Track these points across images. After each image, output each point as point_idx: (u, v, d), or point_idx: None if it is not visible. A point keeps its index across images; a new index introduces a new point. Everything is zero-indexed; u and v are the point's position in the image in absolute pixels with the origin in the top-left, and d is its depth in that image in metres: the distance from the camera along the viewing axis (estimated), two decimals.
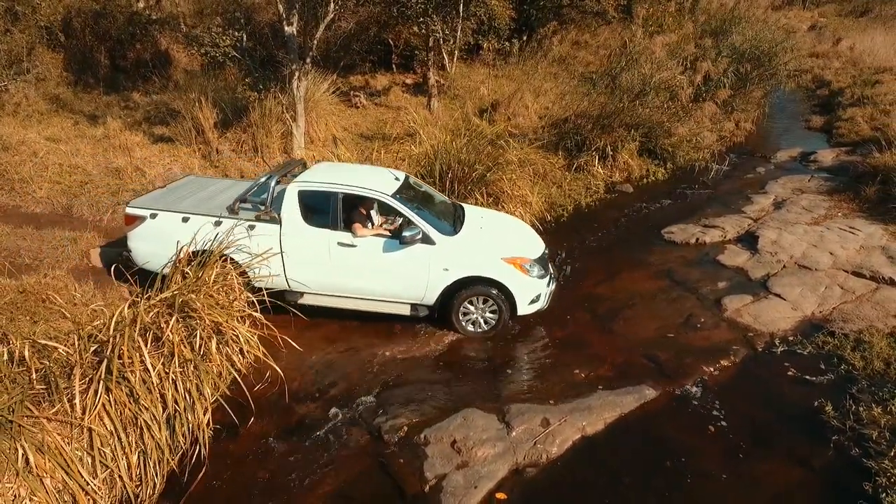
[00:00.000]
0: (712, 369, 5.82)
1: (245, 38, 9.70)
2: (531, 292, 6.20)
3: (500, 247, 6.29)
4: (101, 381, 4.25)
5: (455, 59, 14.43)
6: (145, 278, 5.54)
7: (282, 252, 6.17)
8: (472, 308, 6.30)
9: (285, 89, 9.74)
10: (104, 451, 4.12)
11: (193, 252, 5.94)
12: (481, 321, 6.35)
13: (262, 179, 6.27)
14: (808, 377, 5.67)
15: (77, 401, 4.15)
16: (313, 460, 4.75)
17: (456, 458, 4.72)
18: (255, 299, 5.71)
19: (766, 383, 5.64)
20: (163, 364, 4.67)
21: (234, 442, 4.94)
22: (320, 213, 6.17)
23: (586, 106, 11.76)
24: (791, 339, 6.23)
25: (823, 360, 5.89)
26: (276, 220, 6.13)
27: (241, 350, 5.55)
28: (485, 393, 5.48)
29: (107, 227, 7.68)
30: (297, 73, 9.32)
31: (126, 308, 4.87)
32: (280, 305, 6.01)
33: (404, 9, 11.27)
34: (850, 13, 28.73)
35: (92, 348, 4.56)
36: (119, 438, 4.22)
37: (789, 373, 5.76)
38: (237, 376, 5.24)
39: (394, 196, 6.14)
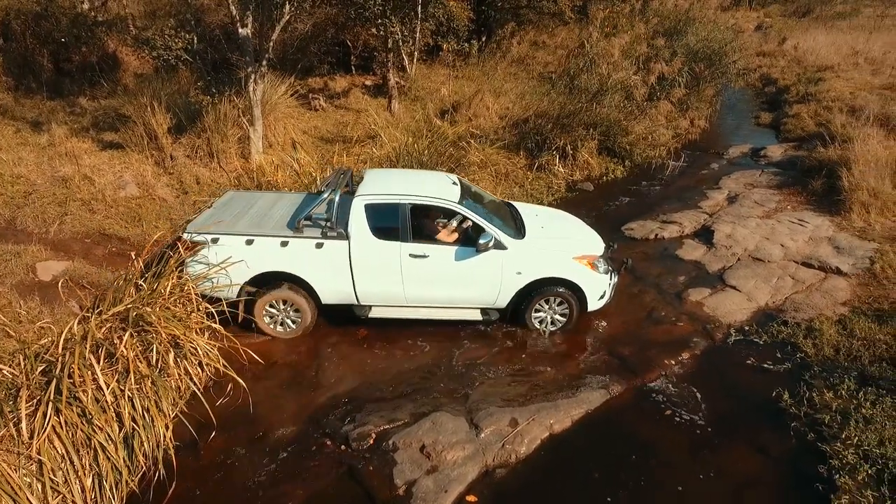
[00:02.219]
0: (674, 362, 5.95)
1: (196, 41, 9.43)
2: (600, 288, 6.29)
3: (569, 246, 6.35)
4: (50, 403, 4.05)
5: (415, 60, 14.38)
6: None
7: (351, 267, 6.01)
8: (543, 308, 6.34)
9: (241, 93, 9.52)
10: (55, 477, 3.92)
11: (261, 275, 5.93)
12: (554, 320, 6.40)
13: (325, 195, 6.04)
14: (765, 366, 5.86)
15: (24, 425, 3.93)
16: (281, 473, 4.64)
17: (426, 462, 4.68)
18: (213, 310, 5.55)
19: (726, 373, 5.81)
20: (117, 381, 4.49)
21: (196, 458, 4.78)
22: (388, 225, 6.03)
23: (546, 106, 11.89)
24: (748, 329, 6.43)
25: (778, 348, 6.10)
26: (344, 236, 5.96)
27: (200, 363, 5.40)
28: (453, 396, 5.46)
29: (54, 240, 7.34)
30: (252, 76, 9.10)
31: (76, 324, 4.66)
32: (244, 316, 5.89)
33: (362, 10, 11.15)
34: (793, 14, 30.01)
35: (39, 368, 4.35)
36: (71, 462, 4.02)
37: (747, 362, 5.94)
38: (198, 390, 5.08)
39: (460, 203, 6.12)
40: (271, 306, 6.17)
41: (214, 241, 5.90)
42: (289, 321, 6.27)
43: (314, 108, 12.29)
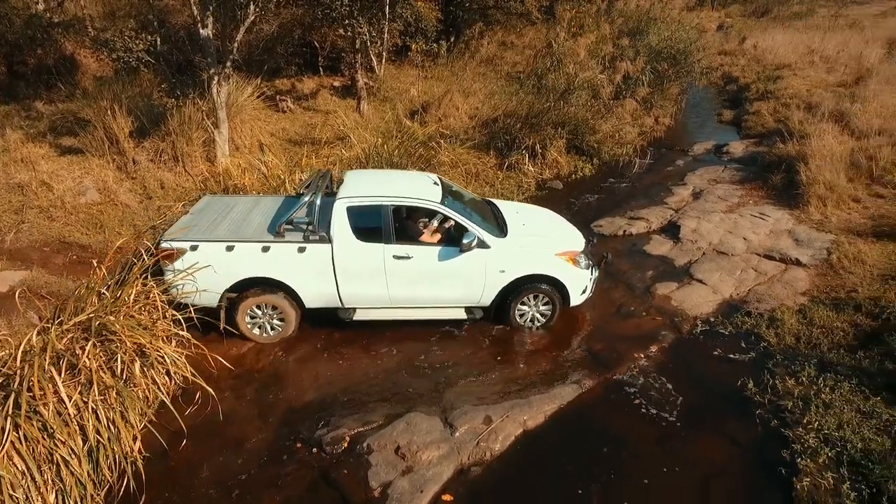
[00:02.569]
0: (644, 355, 6.07)
1: (159, 42, 9.22)
2: (582, 283, 6.39)
3: (550, 243, 6.43)
4: (9, 418, 3.91)
5: (383, 60, 14.33)
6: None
7: (334, 271, 5.95)
8: (527, 305, 6.40)
9: (205, 95, 9.34)
10: (15, 493, 3.79)
11: (242, 281, 5.84)
12: (537, 316, 6.46)
13: (306, 198, 5.95)
14: (730, 356, 6.02)
15: None
16: (253, 480, 4.57)
17: (401, 463, 4.68)
18: (181, 317, 5.45)
19: (694, 365, 5.94)
20: (80, 393, 4.36)
21: (167, 468, 4.67)
22: (371, 226, 6.01)
23: (515, 105, 11.98)
24: (713, 321, 6.60)
25: (743, 338, 6.27)
26: (327, 240, 5.90)
27: (168, 372, 5.30)
28: (427, 396, 5.46)
29: (10, 249, 7.09)
30: (217, 78, 8.94)
31: (34, 335, 4.52)
32: (210, 322, 5.78)
33: (329, 11, 11.06)
34: (752, 14, 30.87)
35: None
36: (32, 478, 3.89)
37: (714, 353, 6.09)
38: (166, 400, 4.98)
39: (442, 203, 6.12)
40: (253, 312, 6.08)
41: (193, 248, 5.78)
42: (273, 325, 6.19)
43: (281, 109, 12.13)
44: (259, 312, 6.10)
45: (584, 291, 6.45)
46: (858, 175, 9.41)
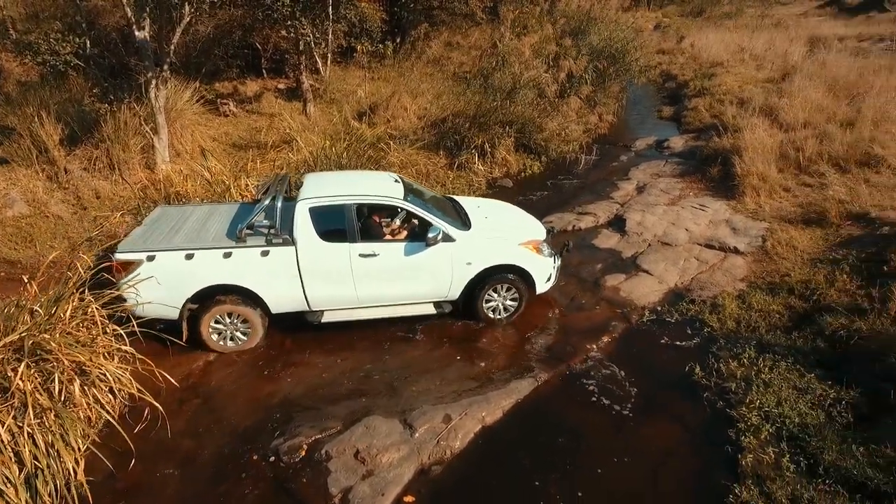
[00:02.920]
0: (596, 346, 6.22)
1: (89, 45, 8.79)
2: (546, 271, 6.53)
3: (514, 233, 6.54)
4: None
5: (329, 62, 14.14)
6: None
7: (300, 273, 5.84)
8: (494, 296, 6.47)
9: (142, 99, 8.97)
10: None
11: (204, 289, 5.65)
12: (504, 307, 6.55)
13: (265, 202, 5.84)
14: (677, 343, 6.25)
15: None
16: (208, 497, 4.43)
17: (361, 468, 4.63)
18: (123, 332, 5.21)
19: (644, 353, 6.13)
20: (14, 418, 4.11)
21: (114, 491, 4.46)
22: (335, 227, 5.96)
23: (463, 105, 12.06)
24: (660, 310, 6.83)
25: (688, 325, 6.52)
26: (290, 242, 5.78)
27: (112, 390, 5.06)
28: (386, 398, 5.43)
29: None
30: (154, 82, 8.61)
31: None
32: (156, 336, 5.55)
33: (269, 12, 10.82)
34: (688, 14, 32.16)
35: None
36: None
37: (662, 341, 6.31)
38: (111, 419, 4.76)
39: (405, 199, 6.13)
40: (218, 321, 5.90)
41: (150, 258, 5.58)
42: (238, 335, 6.04)
43: (224, 113, 11.80)
44: (224, 322, 5.93)
45: (548, 279, 6.62)
46: (788, 166, 9.95)
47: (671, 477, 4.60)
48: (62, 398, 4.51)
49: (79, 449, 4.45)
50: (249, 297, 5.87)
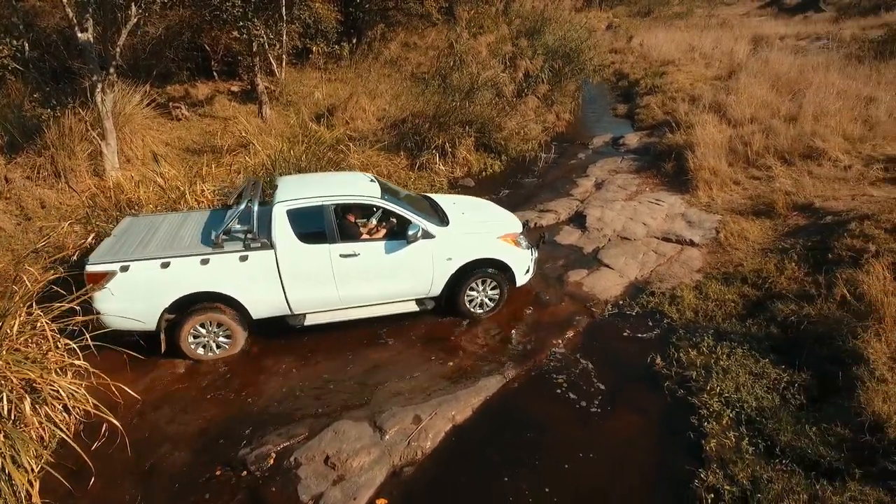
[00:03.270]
0: (561, 341, 6.31)
1: (27, 48, 8.37)
2: (525, 263, 6.65)
3: (492, 227, 6.63)
4: None
5: (284, 64, 13.89)
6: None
7: (280, 276, 5.75)
8: (475, 292, 6.53)
9: (88, 104, 8.60)
10: None
11: (182, 298, 5.52)
12: (486, 301, 6.62)
13: (241, 206, 5.73)
14: (639, 335, 6.40)
15: None
16: None
17: (331, 473, 4.56)
18: (76, 346, 4.98)
19: (607, 346, 6.25)
20: None
21: None
22: (313, 228, 5.90)
23: (422, 106, 12.06)
24: (622, 303, 6.99)
25: (649, 317, 6.69)
26: (269, 245, 5.69)
27: (66, 406, 4.83)
28: (354, 402, 5.36)
29: None
30: (99, 85, 8.26)
31: None
32: (111, 348, 5.34)
33: (219, 12, 10.54)
34: (637, 14, 33.08)
35: None
36: None
37: (624, 333, 6.45)
38: (66, 436, 4.55)
39: (383, 198, 6.12)
40: (197, 330, 5.78)
41: (124, 268, 5.40)
42: (220, 341, 5.93)
43: (176, 117, 11.44)
44: (203, 331, 5.80)
45: (527, 271, 6.74)
46: (737, 160, 10.34)
47: (638, 465, 4.70)
48: (12, 418, 4.28)
49: (32, 470, 4.24)
50: (229, 304, 5.76)
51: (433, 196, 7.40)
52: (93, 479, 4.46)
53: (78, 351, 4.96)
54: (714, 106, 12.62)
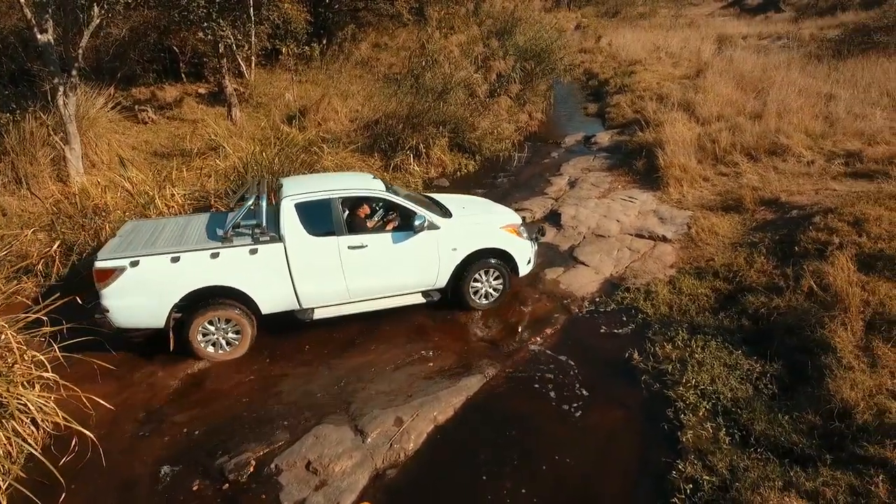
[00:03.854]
0: (540, 338, 6.36)
1: None
2: (527, 253, 6.83)
3: (493, 218, 6.84)
4: None
5: (252, 65, 13.69)
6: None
7: (290, 270, 5.80)
8: (479, 283, 6.69)
9: (49, 107, 8.33)
10: None
11: (192, 293, 5.52)
12: (490, 291, 6.79)
13: (249, 203, 5.87)
14: (615, 330, 6.48)
15: None
16: None
17: (313, 479, 4.51)
18: (43, 358, 4.82)
19: (585, 342, 6.32)
20: None
21: None
22: (321, 222, 5.98)
23: (395, 106, 12.01)
24: (598, 300, 7.07)
25: (624, 313, 6.78)
26: (278, 239, 5.73)
27: (34, 420, 4.67)
28: (334, 406, 5.31)
29: None
30: (61, 89, 8.01)
31: None
32: (81, 359, 5.18)
33: (185, 13, 10.33)
34: (604, 14, 33.54)
35: None
36: None
37: (601, 329, 6.53)
38: (35, 451, 4.40)
39: (388, 192, 6.30)
40: (206, 328, 5.77)
41: (134, 263, 5.38)
42: (229, 337, 5.92)
43: (142, 120, 11.18)
44: (212, 328, 5.77)
45: (528, 262, 6.91)
46: (706, 157, 10.57)
47: (618, 459, 4.76)
48: None
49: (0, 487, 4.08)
50: (238, 299, 5.78)
51: (431, 194, 7.56)
52: (64, 495, 4.32)
53: (46, 363, 4.79)
54: (682, 104, 12.89)
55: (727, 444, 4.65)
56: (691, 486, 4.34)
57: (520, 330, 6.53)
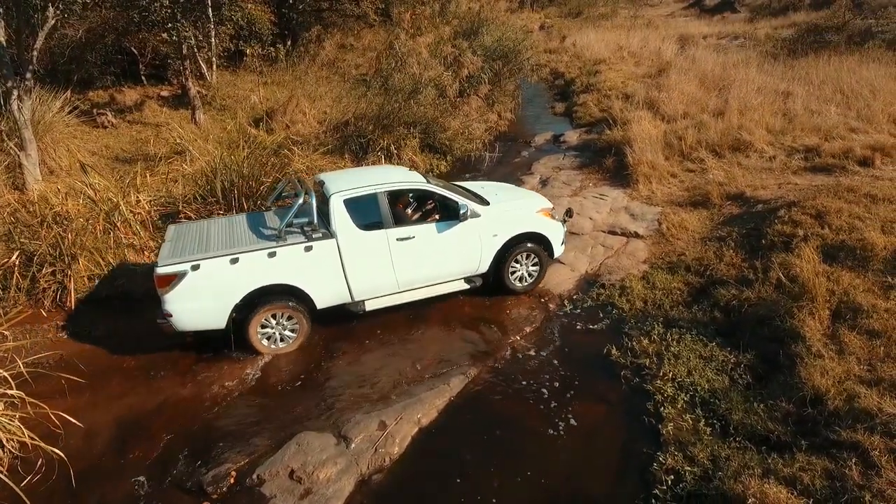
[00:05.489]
0: (520, 337, 6.39)
1: None
2: (560, 235, 7.15)
3: (529, 203, 7.12)
4: None
5: (215, 67, 13.38)
6: None
7: (342, 264, 5.97)
8: (518, 266, 6.99)
9: (2, 112, 7.96)
10: None
11: (252, 293, 5.63)
12: (527, 275, 7.09)
13: (299, 202, 5.94)
14: (593, 326, 6.56)
15: None
16: None
17: (298, 487, 4.43)
18: (6, 374, 4.59)
19: (564, 339, 6.38)
20: None
21: None
22: (369, 216, 6.21)
23: (364, 107, 11.91)
24: (575, 297, 7.15)
25: (601, 309, 6.87)
26: (331, 235, 5.91)
27: None
28: (316, 413, 5.23)
29: None
30: (15, 92, 7.66)
31: None
32: (48, 374, 4.96)
33: (146, 14, 10.01)
34: (567, 15, 33.99)
35: None
36: None
37: (579, 326, 6.60)
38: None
39: (429, 184, 6.48)
40: (265, 324, 5.89)
41: (195, 267, 5.47)
42: (287, 334, 6.05)
43: (101, 124, 10.80)
44: (272, 322, 5.91)
45: (563, 242, 7.24)
46: (672, 154, 10.81)
47: (601, 453, 4.82)
48: None
49: None
50: (294, 295, 5.91)
51: (459, 183, 7.73)
52: None
53: (10, 379, 4.57)
54: (647, 103, 13.14)
55: (707, 435, 4.74)
56: (673, 477, 4.41)
57: (499, 329, 6.55)
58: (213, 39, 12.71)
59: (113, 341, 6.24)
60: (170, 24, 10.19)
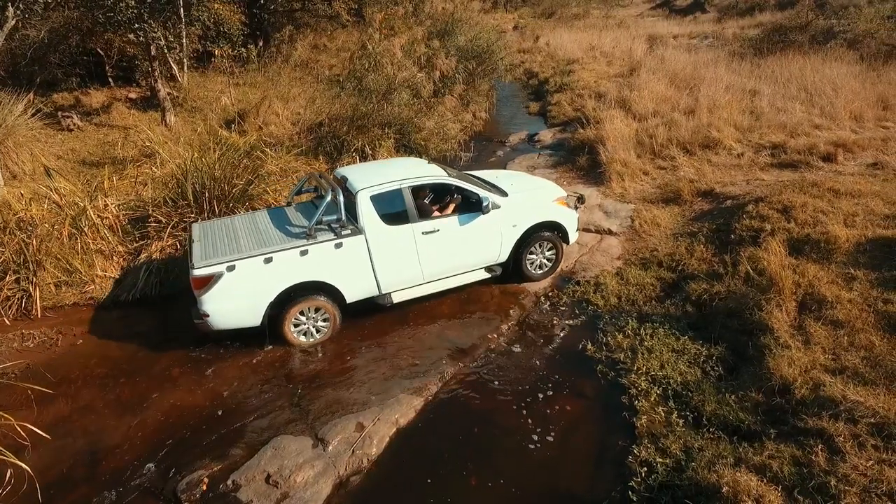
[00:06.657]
0: (497, 335, 6.42)
1: None
2: (575, 222, 7.37)
3: (545, 193, 7.31)
4: None
5: (185, 68, 13.15)
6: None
7: (371, 259, 6.13)
8: (535, 254, 7.20)
9: None
10: None
11: (286, 290, 5.77)
12: (544, 262, 7.33)
13: (328, 199, 6.00)
14: (569, 322, 6.63)
15: None
16: None
17: (274, 492, 4.38)
18: None
19: (540, 335, 6.43)
20: None
21: None
22: (394, 210, 6.33)
23: (338, 108, 11.82)
24: (551, 294, 7.20)
25: (576, 306, 6.94)
26: (359, 231, 6.06)
27: None
28: (292, 416, 5.17)
29: None
30: None
31: None
32: (13, 384, 4.81)
33: (112, 14, 9.79)
34: (540, 15, 34.29)
35: None
36: None
37: (555, 322, 6.66)
38: None
39: (450, 177, 6.65)
40: (297, 320, 6.03)
41: (230, 268, 5.58)
42: (320, 325, 6.20)
43: (67, 127, 10.53)
44: (304, 318, 6.05)
45: (577, 229, 7.50)
46: (644, 152, 10.96)
47: (578, 447, 4.87)
48: None
49: None
50: (325, 290, 6.04)
51: (474, 172, 7.87)
52: None
53: None
54: (619, 101, 13.31)
55: (680, 427, 4.83)
56: (646, 469, 4.48)
57: (476, 327, 6.57)
58: (184, 40, 12.48)
59: (81, 349, 6.10)
60: (136, 25, 9.98)
